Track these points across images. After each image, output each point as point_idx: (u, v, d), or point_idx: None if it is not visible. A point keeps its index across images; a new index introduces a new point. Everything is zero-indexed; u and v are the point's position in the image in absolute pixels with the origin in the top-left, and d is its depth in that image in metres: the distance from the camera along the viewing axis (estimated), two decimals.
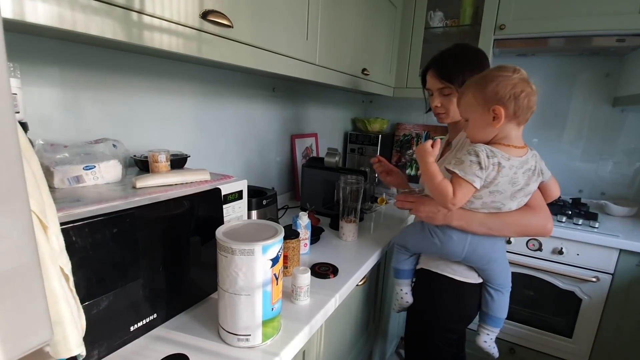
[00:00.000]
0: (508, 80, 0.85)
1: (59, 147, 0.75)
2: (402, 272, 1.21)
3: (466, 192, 0.89)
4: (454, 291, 1.10)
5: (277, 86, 1.59)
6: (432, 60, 1.15)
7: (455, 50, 1.12)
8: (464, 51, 1.12)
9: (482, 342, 1.14)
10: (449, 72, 1.08)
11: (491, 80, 0.87)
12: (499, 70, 0.88)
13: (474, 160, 0.87)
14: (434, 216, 1.01)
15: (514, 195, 0.92)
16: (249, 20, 0.90)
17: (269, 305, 0.72)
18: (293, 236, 1.03)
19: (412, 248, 1.17)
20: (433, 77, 1.11)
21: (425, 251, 1.14)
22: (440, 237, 1.04)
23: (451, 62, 1.09)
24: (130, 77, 0.98)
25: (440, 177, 0.90)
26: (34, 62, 0.77)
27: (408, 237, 1.17)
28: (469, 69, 1.05)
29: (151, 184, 0.78)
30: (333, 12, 1.30)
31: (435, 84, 1.12)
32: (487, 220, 0.96)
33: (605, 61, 1.89)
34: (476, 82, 0.91)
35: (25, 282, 0.29)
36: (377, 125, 2.34)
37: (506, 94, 0.85)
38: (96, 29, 0.58)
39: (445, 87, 1.09)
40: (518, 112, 0.87)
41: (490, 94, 0.87)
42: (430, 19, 2.01)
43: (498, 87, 0.86)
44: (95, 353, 0.63)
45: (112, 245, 0.64)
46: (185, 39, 0.75)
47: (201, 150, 1.24)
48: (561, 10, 1.64)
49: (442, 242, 1.03)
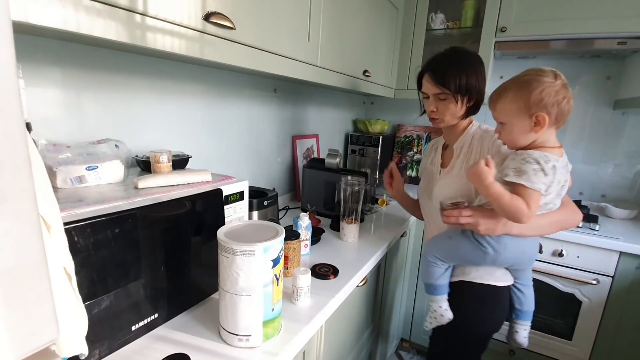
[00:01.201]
0: (552, 87, 0.84)
1: (61, 147, 0.75)
2: (440, 288, 1.11)
3: (537, 201, 0.86)
4: (496, 297, 1.09)
5: (278, 87, 1.60)
6: (428, 64, 1.11)
7: (451, 54, 1.09)
8: (459, 55, 1.09)
9: (522, 338, 1.14)
10: (446, 77, 1.05)
11: (535, 86, 0.84)
12: (541, 75, 0.85)
13: (537, 168, 0.84)
14: (495, 227, 0.95)
15: (559, 193, 0.93)
16: (251, 22, 0.90)
17: (270, 305, 0.72)
18: (294, 237, 1.03)
19: (456, 260, 1.09)
20: (429, 81, 1.09)
21: (474, 263, 1.06)
22: (495, 246, 0.98)
23: (447, 66, 1.06)
24: (133, 78, 0.99)
25: (508, 194, 0.86)
26: (37, 62, 0.78)
27: (450, 250, 1.07)
28: (465, 74, 1.04)
29: (153, 184, 0.79)
30: (334, 14, 1.30)
31: (431, 89, 1.09)
32: (539, 221, 0.96)
33: (607, 64, 1.89)
34: (517, 87, 0.88)
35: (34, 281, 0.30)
36: (378, 126, 2.34)
37: (550, 101, 0.84)
38: (100, 31, 0.59)
39: (441, 93, 1.07)
40: (559, 118, 0.86)
41: (534, 101, 0.84)
42: (432, 21, 2.01)
43: (543, 94, 0.84)
44: (96, 352, 0.64)
45: (114, 245, 0.64)
46: (188, 41, 0.75)
47: (202, 151, 1.25)
48: (562, 12, 1.64)
49: (497, 251, 0.98)
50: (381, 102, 2.55)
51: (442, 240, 1.10)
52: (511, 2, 1.73)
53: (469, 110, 1.09)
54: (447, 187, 1.11)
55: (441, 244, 1.10)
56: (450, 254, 1.08)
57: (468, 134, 1.13)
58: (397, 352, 2.03)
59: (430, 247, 1.12)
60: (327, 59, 1.29)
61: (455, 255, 1.07)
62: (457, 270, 1.12)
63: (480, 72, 1.06)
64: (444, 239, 1.10)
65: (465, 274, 1.10)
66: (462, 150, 1.12)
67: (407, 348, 2.06)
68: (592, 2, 1.58)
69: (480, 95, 1.08)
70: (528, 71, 0.89)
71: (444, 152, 1.21)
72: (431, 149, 1.30)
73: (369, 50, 1.68)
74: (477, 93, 1.07)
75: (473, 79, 1.05)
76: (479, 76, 1.06)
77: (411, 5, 2.00)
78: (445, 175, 1.14)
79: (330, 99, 2.12)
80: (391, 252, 1.50)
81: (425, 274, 1.14)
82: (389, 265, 1.54)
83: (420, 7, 1.98)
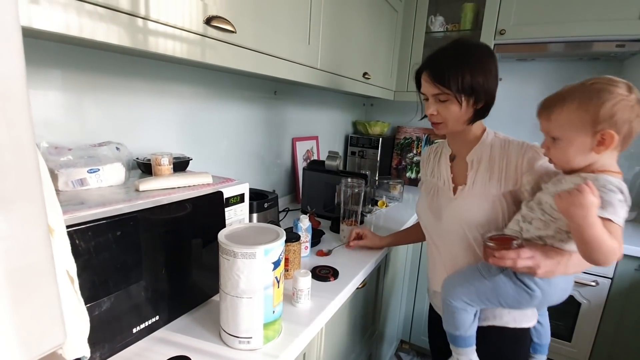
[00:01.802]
0: (626, 102, 0.70)
1: (63, 150, 0.76)
2: (470, 339, 0.93)
3: (622, 239, 0.72)
4: (526, 339, 0.97)
5: (278, 89, 1.60)
6: (427, 60, 0.94)
7: (454, 49, 0.92)
8: (463, 49, 0.91)
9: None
10: (446, 75, 0.88)
11: (607, 98, 0.70)
12: (613, 86, 0.71)
13: (622, 199, 0.71)
14: (555, 269, 0.79)
15: None
16: (251, 26, 0.91)
17: (270, 308, 0.72)
18: (294, 239, 1.04)
19: (491, 305, 0.89)
20: (427, 81, 0.92)
21: (513, 307, 0.89)
22: (544, 288, 0.82)
23: (448, 62, 0.89)
24: (133, 80, 0.99)
25: (607, 232, 0.68)
26: (37, 64, 0.78)
27: (485, 293, 0.87)
28: (469, 71, 0.87)
29: (154, 186, 0.79)
30: (334, 17, 1.31)
31: (430, 89, 0.92)
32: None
33: (605, 66, 1.90)
34: (584, 97, 0.73)
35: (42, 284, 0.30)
36: (378, 128, 2.35)
37: (623, 118, 0.70)
38: (102, 35, 0.59)
39: (441, 93, 0.90)
40: (627, 139, 0.73)
41: (604, 115, 0.70)
42: (431, 23, 2.03)
43: (615, 108, 0.69)
44: (97, 354, 0.64)
45: (116, 247, 0.64)
46: (189, 44, 0.75)
47: (203, 153, 1.25)
48: (561, 15, 1.65)
49: (546, 292, 0.83)
50: (381, 104, 2.56)
51: (472, 281, 0.89)
52: (510, 5, 1.74)
53: (476, 113, 0.92)
54: (469, 211, 0.93)
55: (471, 285, 0.89)
56: (485, 298, 0.87)
57: (485, 144, 0.96)
58: (397, 354, 2.03)
59: (455, 288, 0.91)
60: (327, 61, 1.30)
61: (491, 298, 0.87)
62: (486, 313, 0.95)
63: (488, 69, 0.89)
64: (473, 279, 0.89)
65: (497, 317, 0.94)
66: (480, 164, 0.95)
67: (407, 350, 2.06)
68: (591, 5, 1.59)
69: (489, 95, 0.91)
70: (597, 79, 0.74)
71: (452, 165, 1.03)
72: (430, 157, 1.13)
73: (369, 53, 1.69)
74: (486, 93, 0.89)
75: (479, 76, 0.87)
76: (488, 73, 0.89)
77: (411, 7, 2.01)
78: (463, 195, 0.96)
79: (330, 100, 2.13)
80: (391, 254, 1.50)
81: (450, 323, 0.93)
82: (389, 267, 1.54)
83: (420, 10, 1.99)
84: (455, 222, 0.96)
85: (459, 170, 1.01)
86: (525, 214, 0.84)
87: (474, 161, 0.96)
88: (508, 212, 0.91)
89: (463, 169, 0.99)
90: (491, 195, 0.92)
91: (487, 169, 0.94)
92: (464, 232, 0.95)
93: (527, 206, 0.84)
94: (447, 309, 0.93)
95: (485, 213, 0.91)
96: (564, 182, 0.78)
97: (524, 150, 0.90)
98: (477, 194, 0.94)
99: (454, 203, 0.97)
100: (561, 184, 0.78)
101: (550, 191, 0.79)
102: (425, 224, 1.09)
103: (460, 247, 0.97)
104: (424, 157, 1.17)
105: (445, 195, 1.01)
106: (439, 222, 1.01)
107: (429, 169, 1.12)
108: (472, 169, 0.96)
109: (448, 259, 1.01)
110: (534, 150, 0.90)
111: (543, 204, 0.80)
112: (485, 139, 0.97)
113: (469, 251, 0.96)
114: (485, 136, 0.97)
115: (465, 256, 0.96)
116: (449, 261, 1.01)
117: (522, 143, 0.93)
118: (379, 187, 2.06)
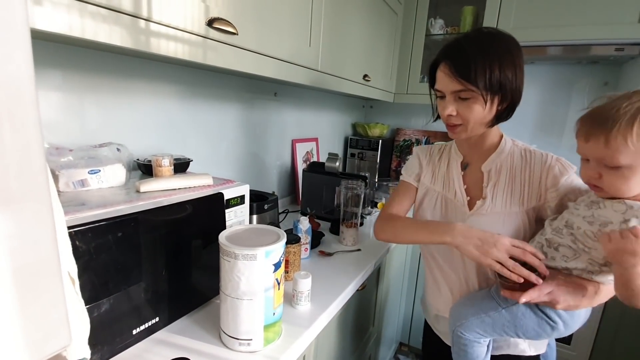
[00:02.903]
0: None
1: (64, 151, 0.75)
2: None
3: None
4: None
5: (278, 91, 1.61)
6: (446, 50, 0.80)
7: (478, 38, 0.78)
8: (489, 38, 0.77)
9: None
10: (472, 68, 0.74)
11: None
12: None
13: None
14: (579, 304, 0.70)
15: None
16: (253, 28, 0.91)
17: (271, 310, 0.72)
18: (294, 241, 1.04)
19: (508, 335, 0.80)
20: (448, 74, 0.77)
21: (533, 338, 0.80)
22: (567, 320, 0.75)
23: (474, 53, 0.75)
24: (134, 81, 0.99)
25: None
26: (38, 65, 0.77)
27: (502, 325, 0.77)
28: (499, 64, 0.74)
29: (155, 188, 0.79)
30: (335, 19, 1.31)
31: (449, 85, 0.78)
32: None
33: (604, 70, 1.91)
34: None
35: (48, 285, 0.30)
36: (377, 130, 2.35)
37: None
38: (105, 36, 0.59)
39: (464, 90, 0.76)
40: None
41: None
42: (431, 26, 2.03)
43: None
44: (97, 356, 0.64)
45: (116, 248, 0.64)
46: (191, 46, 0.76)
47: (203, 154, 1.25)
48: (560, 19, 1.66)
49: (568, 324, 0.76)
50: (380, 106, 2.57)
51: (487, 310, 0.79)
52: (509, 8, 1.75)
53: (499, 115, 0.80)
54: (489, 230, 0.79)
55: (486, 316, 0.79)
56: (501, 329, 0.78)
57: (503, 152, 0.85)
58: (396, 356, 2.02)
59: (467, 319, 0.81)
60: (327, 63, 1.30)
61: (508, 330, 0.78)
62: (500, 342, 0.86)
63: (518, 62, 0.77)
64: (488, 307, 0.79)
65: (511, 346, 0.86)
66: (500, 176, 0.84)
67: (406, 352, 2.06)
68: (590, 9, 1.60)
69: (517, 94, 0.79)
70: None
71: (465, 174, 0.90)
72: (433, 160, 0.97)
73: (369, 55, 1.69)
74: (513, 92, 0.78)
75: (510, 71, 0.75)
76: (517, 67, 0.77)
77: (410, 10, 2.01)
78: (482, 211, 0.84)
79: (330, 102, 2.13)
80: (390, 256, 1.50)
81: (462, 357, 0.84)
82: (388, 269, 1.54)
83: (420, 13, 2.00)
84: None
85: (473, 181, 0.88)
86: (550, 237, 0.73)
87: (491, 171, 0.85)
88: (530, 230, 0.83)
89: (478, 180, 0.87)
90: (513, 212, 0.82)
91: (507, 182, 0.83)
92: None
93: (553, 228, 0.74)
94: (458, 341, 0.83)
95: (506, 232, 0.80)
96: (602, 207, 0.67)
97: (549, 164, 0.81)
98: (498, 210, 0.82)
99: (470, 220, 0.85)
100: (600, 210, 0.67)
101: (583, 214, 0.69)
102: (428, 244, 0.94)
103: (472, 270, 0.87)
104: (422, 158, 0.99)
105: (459, 211, 0.88)
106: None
107: (428, 173, 0.96)
108: (491, 181, 0.84)
109: (456, 282, 0.90)
110: (560, 163, 0.81)
111: (574, 230, 0.69)
112: (503, 147, 0.86)
113: (482, 274, 0.86)
114: (504, 143, 0.86)
115: (477, 280, 0.86)
116: (458, 285, 0.90)
117: (546, 155, 0.83)
118: (378, 189, 2.06)
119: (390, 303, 1.70)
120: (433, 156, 0.98)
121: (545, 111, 2.06)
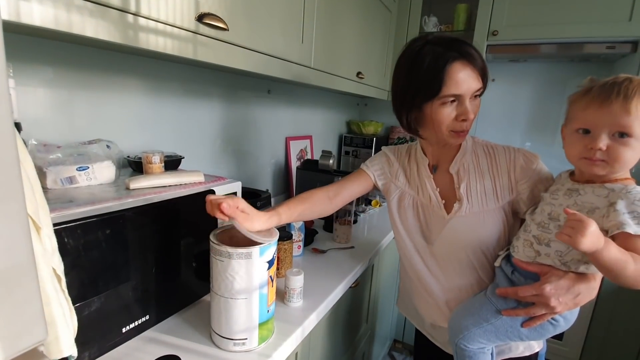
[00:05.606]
0: None
1: (52, 148, 0.74)
2: None
3: None
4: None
5: (272, 88, 1.60)
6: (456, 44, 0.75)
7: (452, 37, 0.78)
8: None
9: None
10: (484, 63, 0.76)
11: None
12: None
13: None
14: (578, 301, 0.69)
15: None
16: (244, 23, 0.90)
17: (265, 307, 0.72)
18: (285, 238, 1.03)
19: (511, 341, 0.79)
20: (470, 74, 0.74)
21: (537, 339, 0.80)
22: (568, 317, 0.74)
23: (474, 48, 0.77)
24: (125, 78, 0.98)
25: (631, 257, 0.58)
26: (28, 61, 0.77)
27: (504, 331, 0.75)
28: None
29: (145, 185, 0.78)
30: (328, 16, 1.31)
31: (473, 84, 0.74)
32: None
33: (596, 67, 1.92)
34: None
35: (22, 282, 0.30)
36: (372, 128, 2.35)
37: None
38: (92, 31, 0.59)
39: (481, 88, 0.76)
40: None
41: None
42: (425, 23, 2.03)
43: None
44: (86, 354, 0.63)
45: (105, 246, 0.64)
46: (181, 42, 0.75)
47: (195, 152, 1.24)
48: (553, 17, 1.67)
49: (567, 318, 0.74)
50: (374, 103, 2.57)
51: (488, 318, 0.76)
52: (503, 6, 1.76)
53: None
54: (472, 231, 0.81)
55: (488, 323, 0.76)
56: (504, 335, 0.76)
57: (467, 151, 0.85)
58: (390, 353, 2.03)
59: (469, 329, 0.78)
60: (320, 60, 1.30)
61: (512, 335, 0.75)
62: (501, 347, 0.84)
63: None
64: (488, 314, 0.76)
65: (512, 349, 0.84)
66: (469, 175, 0.83)
67: (400, 349, 2.07)
68: (582, 8, 1.61)
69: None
70: None
71: (435, 177, 0.88)
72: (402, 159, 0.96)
73: (363, 52, 1.69)
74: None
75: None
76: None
77: (404, 8, 2.01)
78: (461, 213, 0.82)
79: (324, 100, 2.13)
80: (384, 253, 1.51)
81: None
82: (382, 266, 1.54)
83: (414, 10, 2.00)
84: (453, 245, 0.83)
85: (444, 183, 0.86)
86: (538, 234, 0.71)
87: (460, 172, 0.84)
88: (509, 225, 0.82)
89: (448, 182, 0.86)
90: (491, 209, 0.81)
91: (478, 181, 0.82)
92: (466, 256, 0.82)
93: (537, 223, 0.72)
94: (462, 353, 0.80)
95: (488, 230, 0.80)
96: (583, 193, 0.66)
97: (513, 156, 0.81)
98: (476, 210, 0.81)
99: (451, 224, 0.83)
100: (581, 196, 0.66)
101: (565, 204, 0.68)
102: (414, 245, 0.90)
103: (462, 274, 0.84)
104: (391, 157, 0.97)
105: (437, 215, 0.86)
106: (431, 246, 0.87)
107: (401, 175, 0.94)
108: (463, 182, 0.83)
109: (447, 289, 0.87)
110: (522, 154, 0.81)
111: (561, 222, 0.67)
112: (465, 146, 0.85)
113: (473, 277, 0.83)
114: (465, 142, 0.85)
115: (469, 284, 0.84)
116: (449, 291, 0.86)
117: (508, 148, 0.83)
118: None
119: (384, 300, 1.71)
120: (402, 157, 0.96)
121: (538, 109, 2.07)
